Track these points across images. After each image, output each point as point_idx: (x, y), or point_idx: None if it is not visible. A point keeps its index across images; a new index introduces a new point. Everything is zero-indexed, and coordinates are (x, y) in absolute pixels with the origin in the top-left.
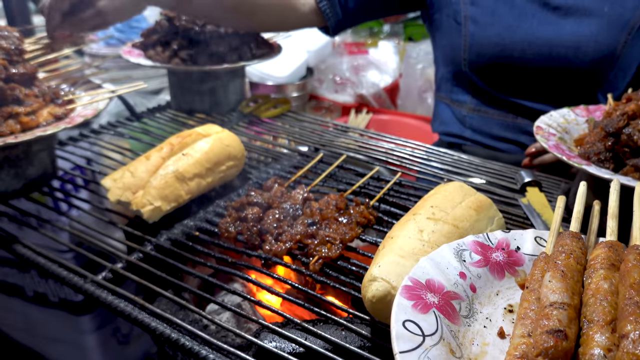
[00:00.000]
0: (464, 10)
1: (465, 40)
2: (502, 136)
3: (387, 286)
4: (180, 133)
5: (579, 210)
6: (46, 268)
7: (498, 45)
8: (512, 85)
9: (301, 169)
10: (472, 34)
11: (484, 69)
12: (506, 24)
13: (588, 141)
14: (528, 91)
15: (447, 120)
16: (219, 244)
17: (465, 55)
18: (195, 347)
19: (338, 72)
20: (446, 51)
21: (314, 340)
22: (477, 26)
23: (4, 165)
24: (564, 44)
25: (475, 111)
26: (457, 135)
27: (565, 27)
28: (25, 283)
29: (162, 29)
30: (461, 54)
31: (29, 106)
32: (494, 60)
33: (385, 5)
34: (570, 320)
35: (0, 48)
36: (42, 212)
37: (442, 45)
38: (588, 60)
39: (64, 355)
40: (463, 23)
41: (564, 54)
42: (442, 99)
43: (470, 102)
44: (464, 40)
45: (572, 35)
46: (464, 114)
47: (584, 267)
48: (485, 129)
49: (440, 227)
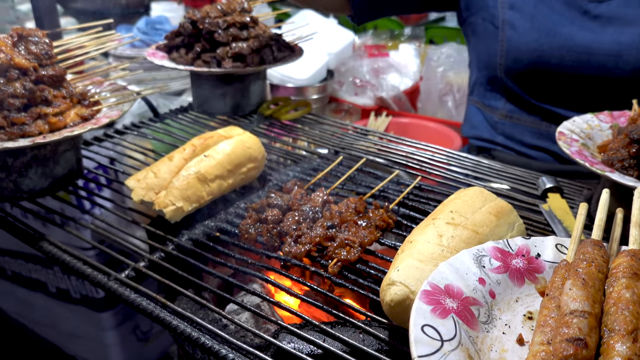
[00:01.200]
0: (502, 15)
1: (502, 45)
2: (534, 144)
3: (405, 290)
4: (202, 135)
5: (601, 218)
6: (71, 265)
7: (536, 51)
8: (548, 92)
9: (321, 171)
10: (509, 39)
11: (520, 74)
12: (545, 29)
13: (612, 147)
14: (564, 99)
15: (478, 125)
16: (238, 245)
17: (501, 60)
18: (215, 346)
19: (358, 74)
20: (482, 55)
21: (332, 342)
22: (515, 31)
23: (32, 164)
24: (604, 52)
25: (507, 117)
26: (487, 140)
27: (606, 35)
28: (48, 279)
29: (186, 31)
30: (497, 59)
31: (57, 107)
32: (532, 66)
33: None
34: (590, 329)
35: (31, 52)
36: (65, 210)
37: (477, 49)
38: (629, 69)
39: (85, 351)
40: (501, 27)
41: (604, 62)
42: (475, 102)
43: (503, 108)
44: (501, 45)
45: (613, 44)
46: (495, 119)
47: (605, 276)
48: (517, 136)
49: (459, 232)
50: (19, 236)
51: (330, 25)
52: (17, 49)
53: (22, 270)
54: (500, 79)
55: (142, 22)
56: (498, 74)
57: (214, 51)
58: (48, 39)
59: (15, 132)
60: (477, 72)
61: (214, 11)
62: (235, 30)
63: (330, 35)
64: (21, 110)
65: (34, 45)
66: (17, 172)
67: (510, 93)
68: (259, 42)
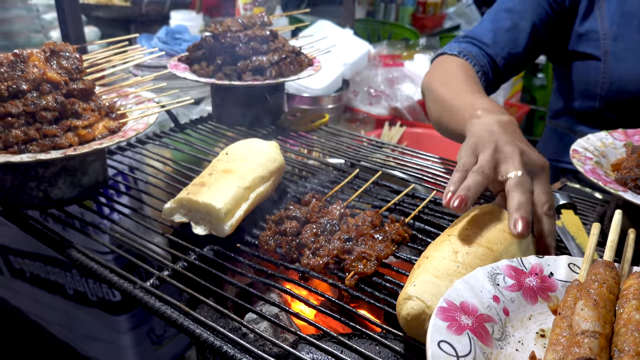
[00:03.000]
0: (604, 46)
1: (605, 77)
2: None
3: (421, 305)
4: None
5: (613, 239)
6: (98, 273)
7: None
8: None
9: (337, 183)
10: (612, 70)
11: (621, 105)
12: None
13: (625, 166)
14: None
15: (560, 151)
16: (258, 256)
17: (602, 92)
18: (237, 355)
19: (373, 84)
20: (578, 86)
21: (349, 353)
22: (619, 62)
23: (61, 174)
24: None
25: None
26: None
27: None
28: (66, 281)
29: (208, 44)
30: (597, 90)
31: (86, 120)
32: (636, 97)
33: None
34: (601, 349)
35: (62, 67)
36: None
37: (573, 80)
38: None
39: (100, 353)
40: (603, 59)
41: None
42: (562, 128)
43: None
44: (602, 76)
45: None
46: None
47: (616, 297)
48: None
49: (474, 249)
50: (47, 243)
51: (347, 35)
52: (49, 64)
53: (40, 273)
54: (599, 110)
55: (163, 31)
56: (596, 105)
57: (234, 64)
58: (78, 54)
59: (47, 144)
60: (568, 101)
61: (235, 25)
62: (256, 43)
63: (346, 46)
64: (52, 123)
65: (65, 60)
66: (47, 181)
67: (609, 122)
68: (278, 55)
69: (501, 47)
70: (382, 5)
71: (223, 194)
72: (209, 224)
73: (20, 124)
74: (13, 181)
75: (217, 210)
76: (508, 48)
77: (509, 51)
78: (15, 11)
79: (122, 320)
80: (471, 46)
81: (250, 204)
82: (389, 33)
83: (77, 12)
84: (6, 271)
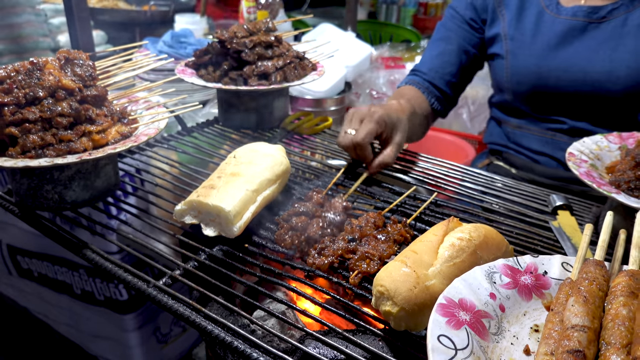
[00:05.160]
0: (506, 46)
1: (507, 72)
2: (540, 150)
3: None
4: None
5: (604, 239)
6: (113, 272)
7: (534, 74)
8: (551, 109)
9: (341, 184)
10: (512, 66)
11: (524, 95)
12: (541, 54)
13: (619, 169)
14: (566, 113)
15: (495, 134)
16: (265, 256)
17: (509, 85)
18: (247, 350)
19: (375, 86)
20: (494, 81)
21: (354, 348)
22: (516, 59)
23: (75, 177)
24: (598, 70)
25: (517, 128)
26: (502, 144)
27: (600, 54)
28: (73, 281)
29: (214, 50)
30: (505, 84)
31: (99, 125)
32: (533, 89)
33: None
34: (589, 342)
35: (76, 74)
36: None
37: (492, 76)
38: (620, 85)
39: (107, 351)
40: (505, 57)
41: (598, 79)
42: (493, 118)
43: (514, 122)
44: (506, 72)
45: (605, 62)
46: (508, 130)
47: (605, 293)
48: (525, 144)
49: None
50: (63, 243)
51: (349, 38)
52: (64, 71)
53: (48, 272)
54: (509, 99)
55: (168, 35)
56: (507, 96)
57: (240, 69)
58: (91, 62)
59: (62, 149)
60: (494, 95)
61: (240, 31)
62: (261, 49)
63: (349, 49)
64: (68, 128)
65: (78, 67)
66: (62, 184)
67: (518, 111)
68: (283, 60)
69: (436, 70)
70: (383, 6)
71: (232, 196)
72: (218, 226)
73: (37, 129)
74: (29, 184)
75: (227, 212)
76: (442, 70)
77: (444, 72)
78: (24, 16)
79: (128, 319)
80: (414, 77)
81: (258, 206)
82: (390, 34)
83: (86, 16)
84: (14, 271)
